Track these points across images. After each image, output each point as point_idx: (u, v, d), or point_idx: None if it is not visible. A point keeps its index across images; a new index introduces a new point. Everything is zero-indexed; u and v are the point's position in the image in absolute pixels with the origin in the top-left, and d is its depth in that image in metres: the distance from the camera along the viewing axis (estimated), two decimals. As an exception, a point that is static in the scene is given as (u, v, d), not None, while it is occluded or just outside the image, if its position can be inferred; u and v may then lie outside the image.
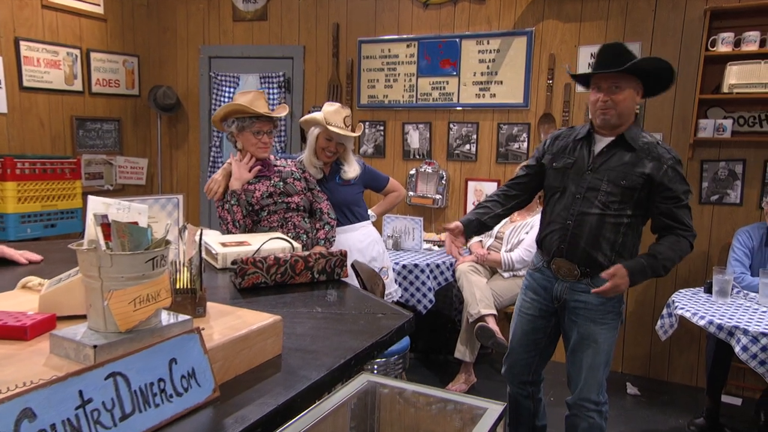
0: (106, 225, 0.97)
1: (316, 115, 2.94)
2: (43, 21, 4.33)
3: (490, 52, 4.22)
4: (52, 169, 4.05)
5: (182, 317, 1.10)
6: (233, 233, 2.57)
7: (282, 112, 2.79)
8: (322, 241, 2.70)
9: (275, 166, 2.76)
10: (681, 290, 3.21)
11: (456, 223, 2.42)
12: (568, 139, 2.37)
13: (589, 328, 2.29)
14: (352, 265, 2.54)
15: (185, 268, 1.30)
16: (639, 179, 2.17)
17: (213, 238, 2.27)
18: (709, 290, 3.08)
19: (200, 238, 1.29)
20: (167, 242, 1.04)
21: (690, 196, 2.22)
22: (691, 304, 2.90)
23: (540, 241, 2.43)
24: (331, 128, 2.88)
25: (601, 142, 2.28)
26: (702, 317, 2.70)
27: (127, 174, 5.05)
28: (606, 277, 2.14)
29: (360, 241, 2.99)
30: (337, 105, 2.98)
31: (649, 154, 2.19)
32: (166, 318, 1.08)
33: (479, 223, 2.45)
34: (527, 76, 4.12)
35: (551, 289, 2.38)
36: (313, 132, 2.94)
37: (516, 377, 2.56)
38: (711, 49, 3.51)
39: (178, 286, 1.27)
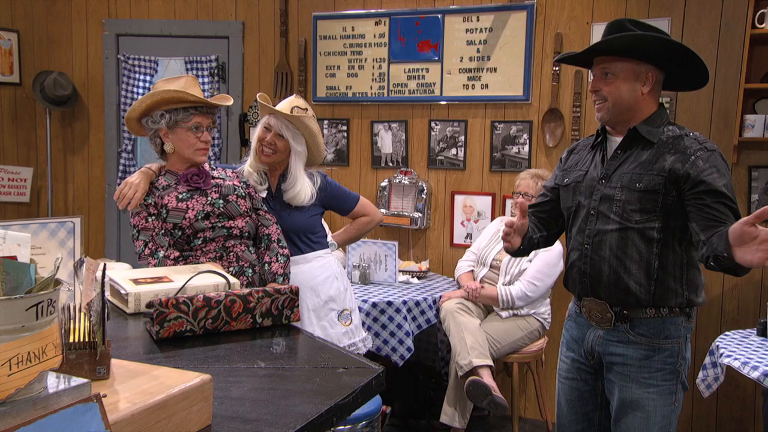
0: (-28, 260, 0.95)
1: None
2: None
3: (481, 31, 4.29)
4: None
5: (77, 381, 1.07)
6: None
7: (226, 101, 2.74)
8: (281, 278, 2.67)
9: (213, 177, 2.70)
10: (728, 332, 3.26)
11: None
12: (584, 150, 2.45)
13: (630, 390, 2.25)
14: None
15: (82, 315, 1.27)
16: (658, 178, 2.16)
17: (121, 273, 2.23)
18: (763, 332, 3.14)
19: (103, 275, 1.27)
20: (57, 282, 1.02)
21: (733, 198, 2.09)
22: (740, 351, 2.94)
23: (565, 280, 2.45)
24: (265, 103, 2.86)
25: (615, 144, 2.32)
26: (755, 368, 2.74)
27: (3, 188, 4.98)
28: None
29: (314, 277, 2.95)
30: (293, 96, 3.03)
31: (672, 147, 2.19)
32: (54, 383, 1.05)
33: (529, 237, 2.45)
34: (528, 62, 4.19)
35: (584, 341, 2.38)
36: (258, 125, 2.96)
37: None
38: (759, 26, 3.61)
39: (72, 339, 1.24)
